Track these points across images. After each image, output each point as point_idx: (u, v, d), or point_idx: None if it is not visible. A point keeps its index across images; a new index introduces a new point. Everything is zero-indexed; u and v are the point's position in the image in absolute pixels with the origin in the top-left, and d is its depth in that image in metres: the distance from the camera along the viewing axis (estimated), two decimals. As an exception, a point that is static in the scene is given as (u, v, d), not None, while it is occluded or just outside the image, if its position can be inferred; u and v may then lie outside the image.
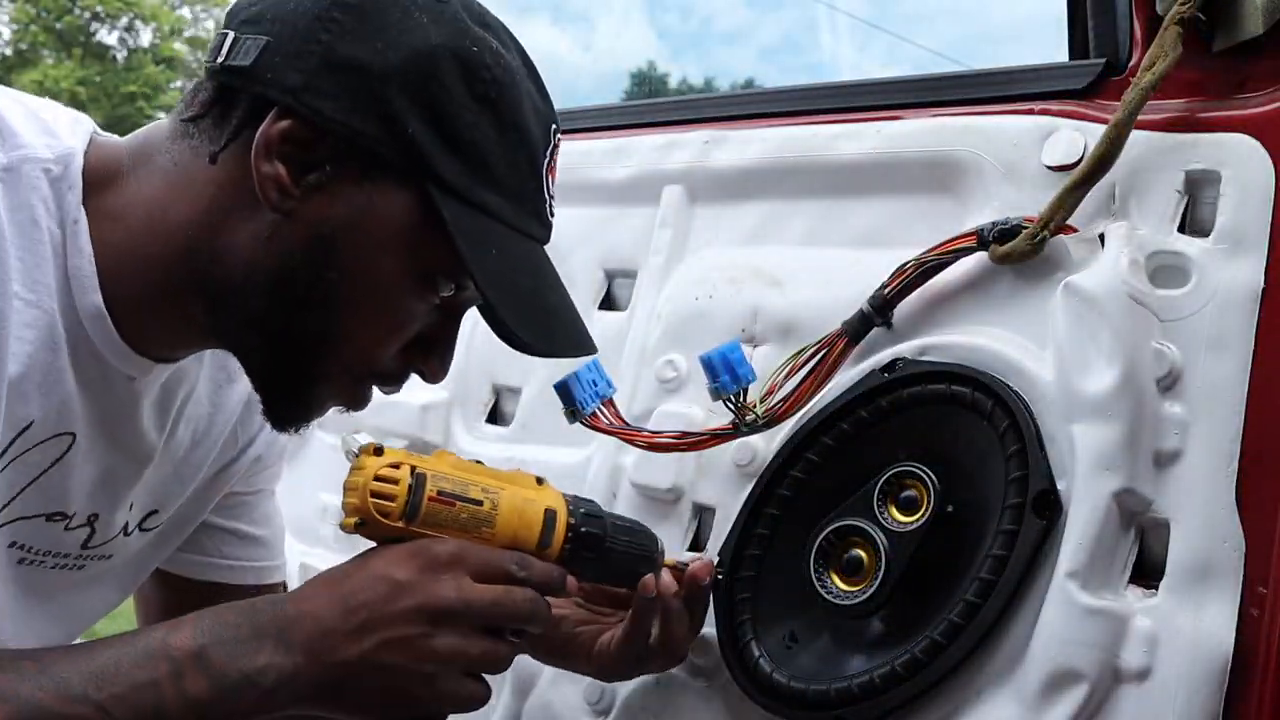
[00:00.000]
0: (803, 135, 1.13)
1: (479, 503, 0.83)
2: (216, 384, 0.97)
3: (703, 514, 1.09)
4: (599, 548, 0.89)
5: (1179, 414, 0.84)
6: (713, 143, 1.19)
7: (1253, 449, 0.81)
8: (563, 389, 1.01)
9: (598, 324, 1.24)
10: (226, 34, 0.77)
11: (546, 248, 0.86)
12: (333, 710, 0.79)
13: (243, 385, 0.95)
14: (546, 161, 0.82)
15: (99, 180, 0.79)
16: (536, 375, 1.25)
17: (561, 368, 1.02)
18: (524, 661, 1.12)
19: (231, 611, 0.78)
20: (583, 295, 1.26)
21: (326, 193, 0.76)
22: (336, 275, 0.77)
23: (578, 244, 1.26)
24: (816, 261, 1.09)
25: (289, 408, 0.84)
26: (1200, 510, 0.81)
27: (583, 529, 0.88)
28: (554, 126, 0.83)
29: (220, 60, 0.76)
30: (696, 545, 1.08)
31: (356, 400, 0.85)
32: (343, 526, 0.82)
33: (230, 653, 0.74)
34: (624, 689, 1.05)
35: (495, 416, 1.33)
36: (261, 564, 1.11)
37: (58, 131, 0.79)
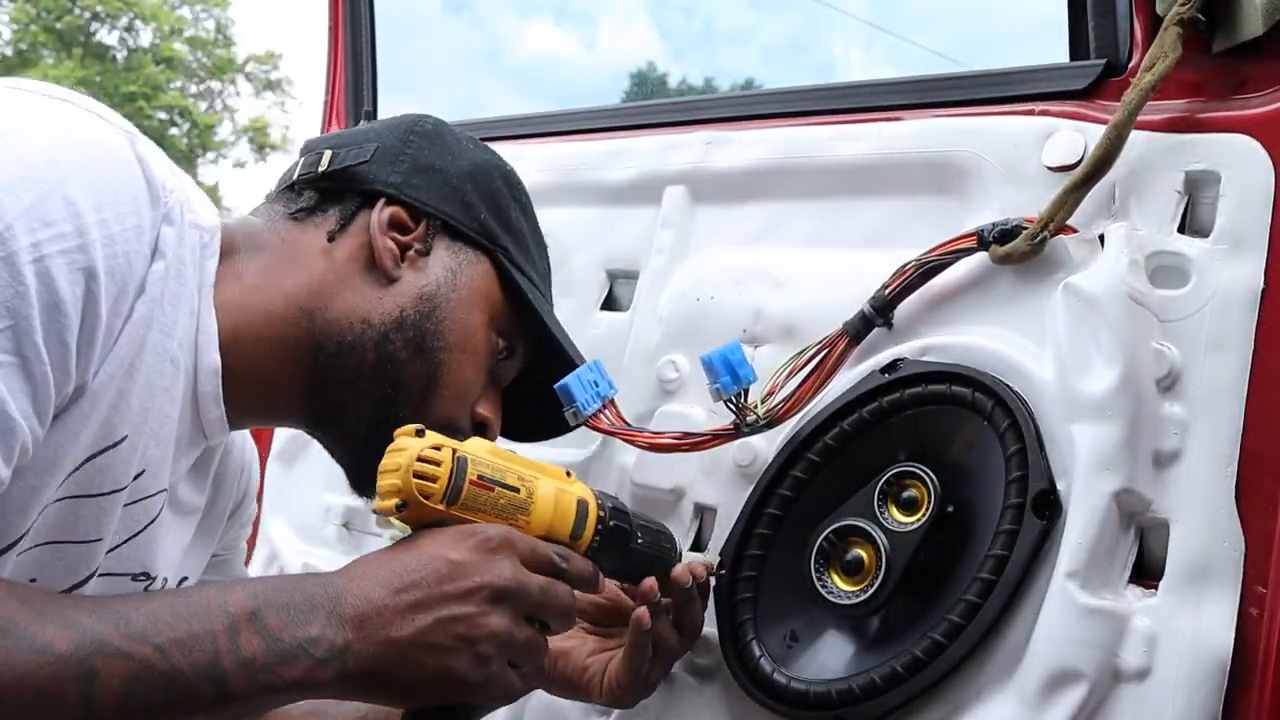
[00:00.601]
0: (804, 136, 1.14)
1: (516, 489, 0.84)
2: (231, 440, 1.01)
3: (704, 514, 1.09)
4: (624, 544, 0.89)
5: (1179, 414, 0.84)
6: (714, 144, 1.19)
7: (1252, 449, 0.82)
8: (564, 390, 1.01)
9: (599, 325, 1.24)
10: (323, 153, 0.95)
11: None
12: (375, 692, 0.79)
13: (241, 437, 1.03)
14: (548, 263, 1.04)
15: (224, 251, 0.87)
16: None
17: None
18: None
19: (283, 580, 0.80)
20: (585, 296, 1.26)
21: (429, 262, 0.92)
22: (436, 328, 0.91)
23: (580, 245, 1.27)
24: (817, 262, 1.09)
25: (374, 469, 0.86)
26: (1200, 510, 0.82)
27: (611, 523, 0.88)
28: (548, 245, 1.05)
29: (323, 169, 0.94)
30: (698, 545, 1.09)
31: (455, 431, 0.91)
32: (379, 510, 0.81)
33: (285, 618, 0.74)
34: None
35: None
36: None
37: (206, 203, 0.87)
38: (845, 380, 1.00)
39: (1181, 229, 0.91)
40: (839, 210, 1.10)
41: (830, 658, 0.94)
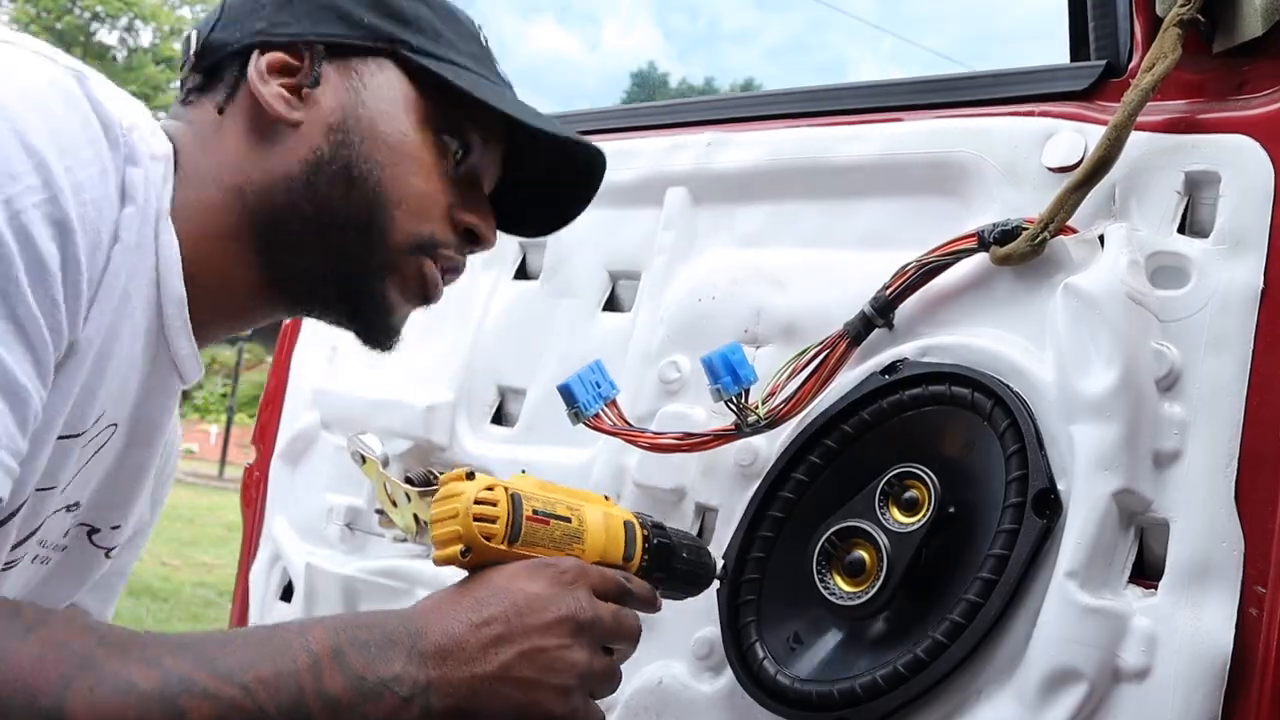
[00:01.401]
0: (805, 137, 1.14)
1: (568, 519, 0.83)
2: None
3: (705, 514, 1.09)
4: (669, 561, 0.88)
5: (1178, 414, 0.85)
6: (716, 145, 1.20)
7: (1252, 449, 0.82)
8: (566, 391, 1.02)
9: (601, 325, 1.25)
10: (189, 36, 0.89)
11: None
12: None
13: (170, 450, 0.99)
14: (485, 42, 0.93)
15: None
16: (541, 377, 1.26)
17: (564, 369, 1.02)
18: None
19: (362, 617, 0.78)
20: (587, 297, 1.27)
21: (323, 92, 0.85)
22: (359, 152, 0.84)
23: (581, 246, 1.27)
24: (818, 263, 1.10)
25: (371, 315, 0.87)
26: (1199, 510, 0.82)
27: (656, 541, 0.87)
28: (479, 25, 0.94)
29: (195, 50, 0.87)
30: (699, 545, 1.09)
31: (426, 285, 0.88)
32: (441, 559, 0.80)
33: (366, 657, 0.73)
34: (627, 689, 1.05)
35: (500, 418, 1.33)
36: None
37: (157, 130, 0.83)
38: (846, 381, 1.00)
39: (1181, 229, 0.91)
40: (840, 211, 1.11)
41: (833, 658, 0.94)
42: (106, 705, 0.63)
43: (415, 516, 1.29)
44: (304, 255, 0.85)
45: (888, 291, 0.99)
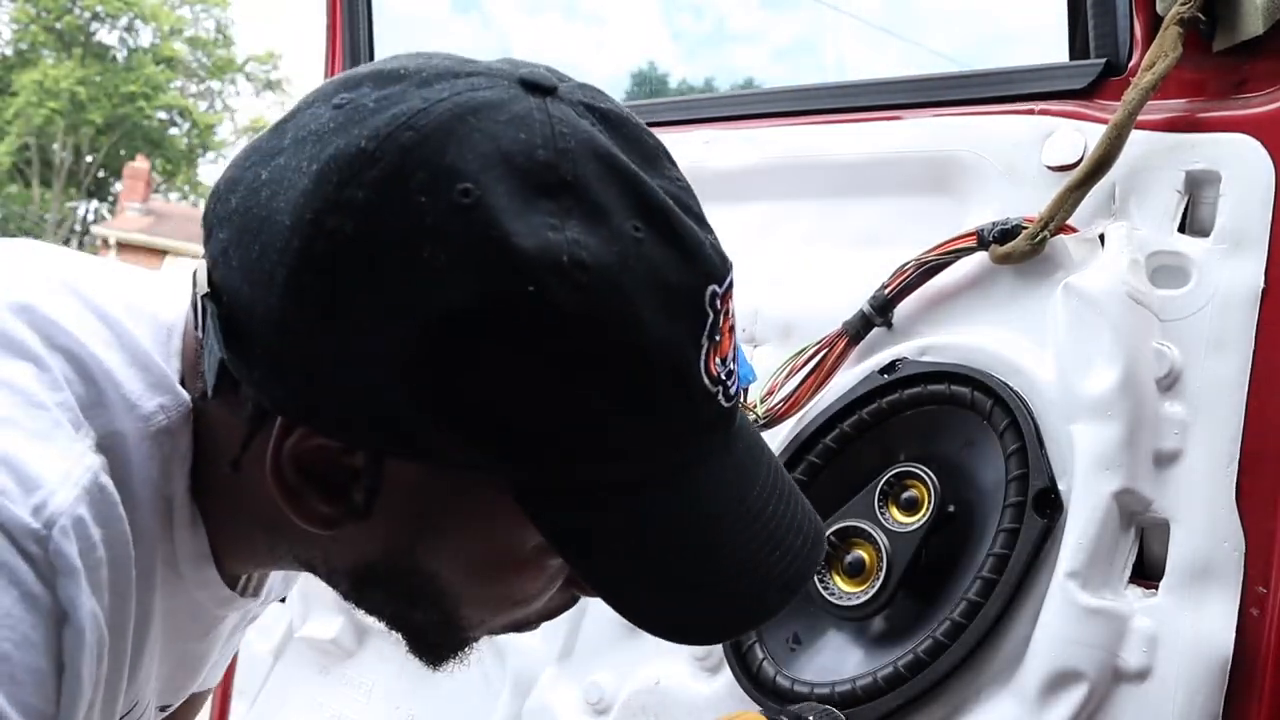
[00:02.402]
0: (803, 135, 1.13)
1: None
2: None
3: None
4: None
5: (1179, 414, 0.84)
6: (713, 143, 1.19)
7: (1252, 449, 0.81)
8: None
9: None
10: (201, 300, 0.58)
11: None
12: None
13: None
14: (704, 353, 0.56)
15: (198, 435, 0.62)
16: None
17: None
18: (523, 660, 1.13)
19: None
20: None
21: (381, 506, 0.57)
22: (426, 578, 0.61)
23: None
24: (817, 261, 1.09)
25: (443, 659, 0.68)
26: (1200, 510, 0.82)
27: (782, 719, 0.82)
28: (713, 286, 0.57)
29: (200, 330, 0.59)
30: (697, 545, 1.08)
31: (522, 631, 0.68)
32: None
33: None
34: (625, 689, 1.05)
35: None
36: (211, 681, 0.90)
37: (161, 384, 0.61)
38: (845, 380, 1.00)
39: (1182, 229, 0.90)
40: (838, 210, 1.10)
41: (833, 659, 0.94)
42: None
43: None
44: (365, 609, 0.65)
45: (887, 290, 0.99)
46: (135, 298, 0.63)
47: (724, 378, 0.58)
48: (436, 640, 0.66)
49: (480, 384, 0.51)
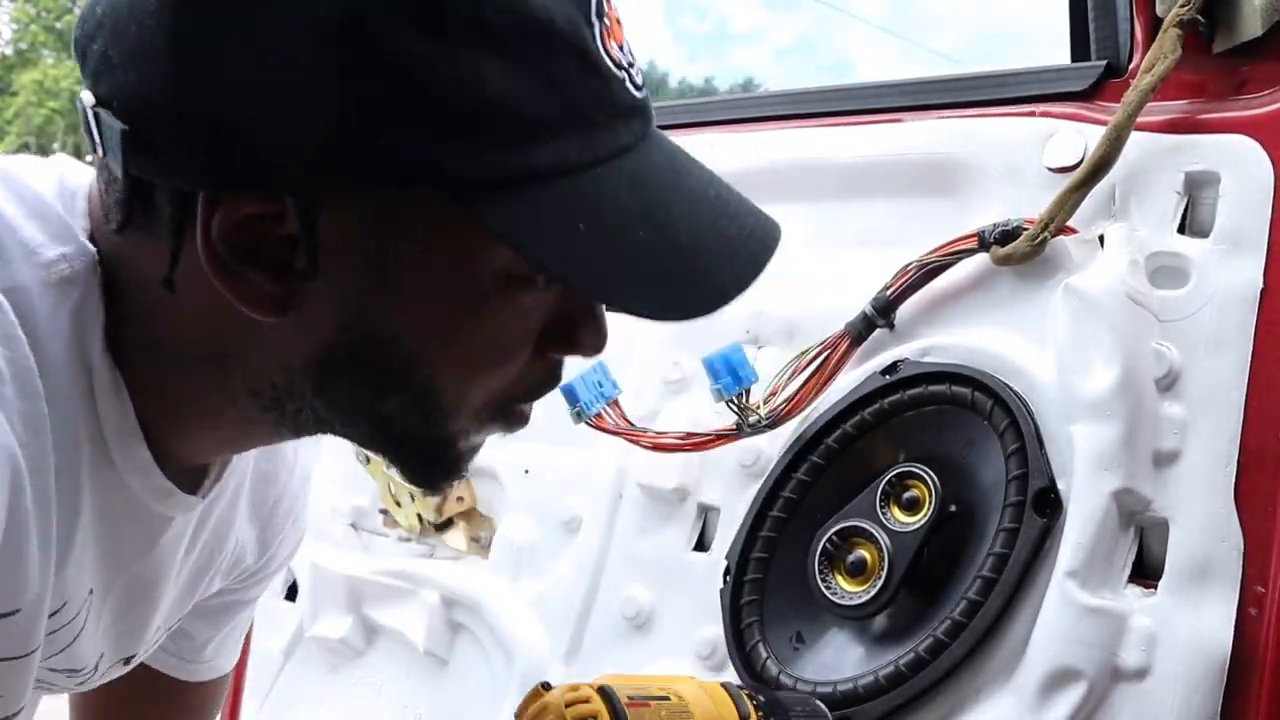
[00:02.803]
0: (805, 138, 1.14)
1: (665, 698, 0.79)
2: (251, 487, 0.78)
3: (708, 514, 1.10)
4: (785, 714, 0.83)
5: (1178, 414, 0.85)
6: (716, 146, 1.20)
7: (1252, 449, 0.82)
8: (568, 391, 1.02)
9: (603, 325, 1.25)
10: (87, 109, 0.55)
11: None
12: None
13: (278, 488, 0.80)
14: (597, 32, 0.56)
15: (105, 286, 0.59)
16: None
17: (566, 369, 1.02)
18: (530, 659, 1.14)
19: None
20: (587, 297, 1.27)
21: (324, 267, 0.55)
22: (391, 351, 0.58)
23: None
24: (819, 263, 1.10)
25: (435, 475, 0.66)
26: (1199, 510, 0.82)
27: (761, 698, 0.83)
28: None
29: (100, 147, 0.56)
30: (701, 545, 1.09)
31: (512, 424, 0.65)
32: None
33: None
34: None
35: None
36: (219, 664, 0.92)
37: (63, 234, 0.58)
38: (847, 381, 1.00)
39: (1181, 229, 0.91)
40: (840, 211, 1.11)
41: (835, 658, 0.95)
42: None
43: (419, 516, 1.29)
44: (331, 427, 0.62)
45: (889, 292, 1.00)
46: (39, 165, 0.62)
47: (627, 66, 0.58)
48: (420, 440, 0.62)
49: (387, 70, 0.51)
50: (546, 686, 0.76)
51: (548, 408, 1.22)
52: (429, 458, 0.64)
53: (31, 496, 0.56)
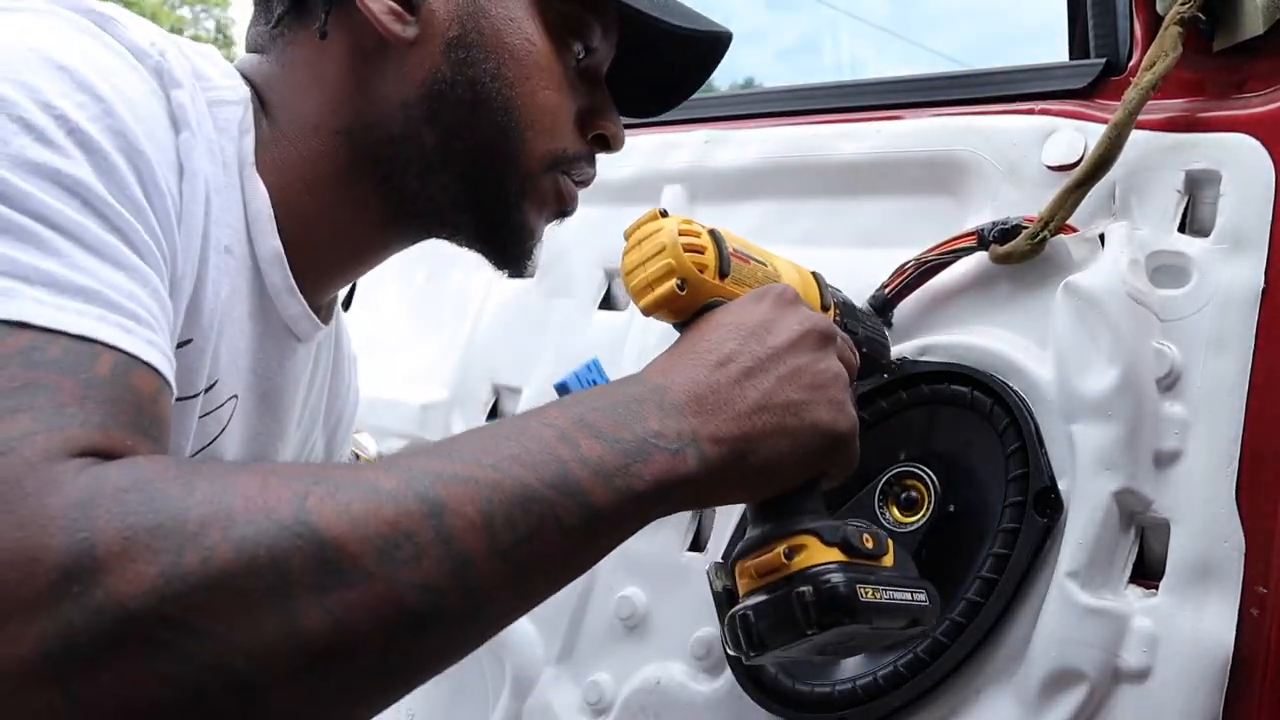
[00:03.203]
0: (803, 135, 1.13)
1: (764, 263, 0.78)
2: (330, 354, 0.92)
3: (703, 514, 1.09)
4: (855, 323, 0.85)
5: (1179, 414, 0.84)
6: (713, 142, 1.19)
7: (1253, 449, 0.81)
8: (562, 388, 1.01)
9: (598, 324, 1.24)
10: None
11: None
12: (744, 475, 0.66)
13: (340, 402, 0.95)
14: None
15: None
16: (536, 375, 1.25)
17: (560, 367, 1.02)
18: (523, 660, 1.13)
19: (589, 391, 0.67)
20: (583, 295, 1.26)
21: (438, 2, 0.75)
22: (484, 70, 0.75)
23: (577, 244, 1.26)
24: (816, 261, 1.09)
25: (509, 241, 0.80)
26: (1200, 510, 0.81)
27: (841, 297, 0.83)
28: None
29: None
30: (697, 545, 1.08)
31: (561, 199, 0.81)
32: (652, 302, 0.72)
33: (616, 418, 0.62)
34: (624, 690, 1.05)
35: (495, 416, 1.33)
36: None
37: (229, 73, 0.75)
38: (845, 380, 1.00)
39: (1182, 228, 0.90)
40: (838, 209, 1.10)
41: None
42: (356, 506, 0.50)
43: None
44: (430, 184, 0.77)
45: (887, 290, 0.99)
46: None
47: None
48: (496, 190, 0.77)
49: None
50: (664, 213, 0.76)
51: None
52: (501, 220, 0.79)
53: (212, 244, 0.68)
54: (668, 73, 0.87)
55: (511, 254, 0.81)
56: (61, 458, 0.47)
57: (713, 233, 0.75)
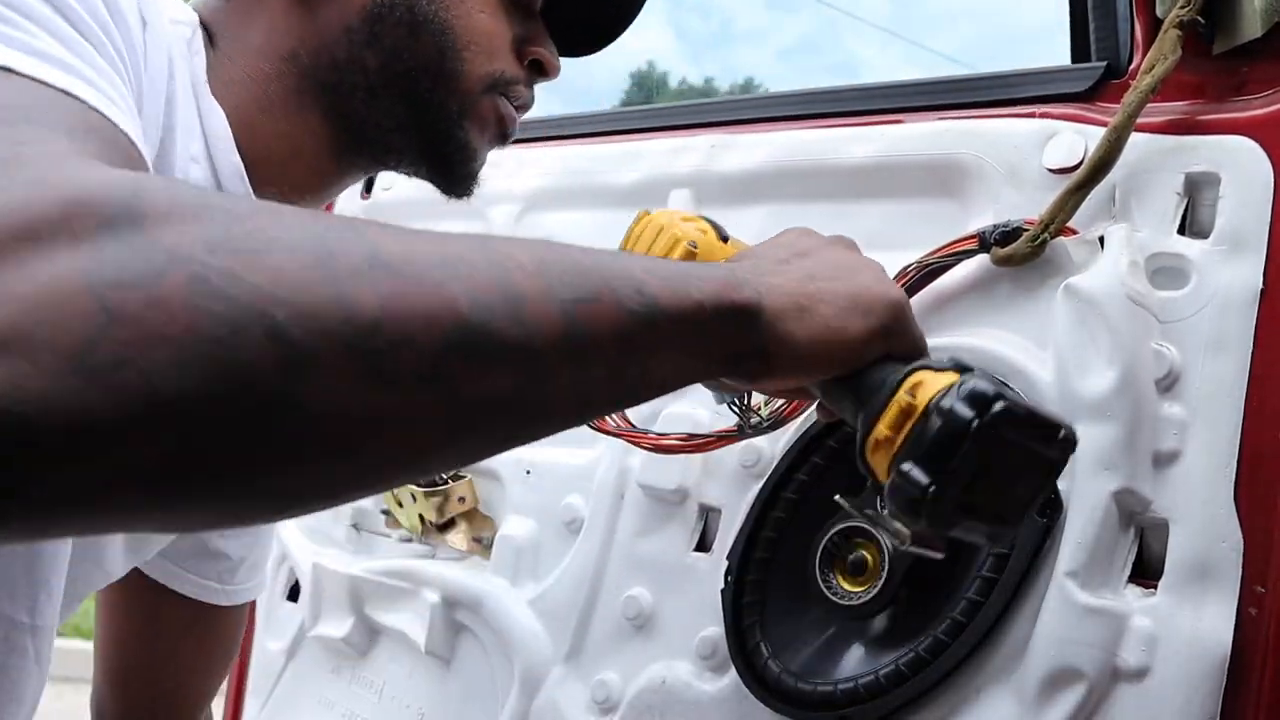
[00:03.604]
0: (807, 139, 1.14)
1: None
2: None
3: (709, 515, 1.10)
4: None
5: (1178, 414, 0.85)
6: (719, 147, 1.20)
7: (1251, 449, 0.82)
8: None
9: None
10: None
11: None
12: (808, 336, 0.65)
13: None
14: None
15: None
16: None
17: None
18: (531, 659, 1.14)
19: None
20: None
21: None
22: None
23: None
24: (820, 264, 1.10)
25: (454, 161, 0.84)
26: (1199, 510, 0.82)
27: None
28: None
29: None
30: (703, 545, 1.09)
31: (504, 123, 0.85)
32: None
33: (668, 266, 0.60)
34: (631, 689, 1.06)
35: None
36: (250, 586, 1.10)
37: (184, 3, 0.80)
38: (848, 382, 1.00)
39: (1181, 230, 0.91)
40: (841, 213, 1.11)
41: (836, 657, 0.95)
42: (410, 232, 0.49)
43: (421, 516, 1.30)
44: (375, 107, 0.81)
45: (889, 293, 1.00)
46: None
47: None
48: (438, 110, 0.80)
49: None
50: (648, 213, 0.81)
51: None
52: (444, 139, 0.82)
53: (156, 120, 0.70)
54: (603, 11, 0.92)
55: (457, 174, 0.85)
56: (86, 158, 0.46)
57: (701, 216, 0.80)
